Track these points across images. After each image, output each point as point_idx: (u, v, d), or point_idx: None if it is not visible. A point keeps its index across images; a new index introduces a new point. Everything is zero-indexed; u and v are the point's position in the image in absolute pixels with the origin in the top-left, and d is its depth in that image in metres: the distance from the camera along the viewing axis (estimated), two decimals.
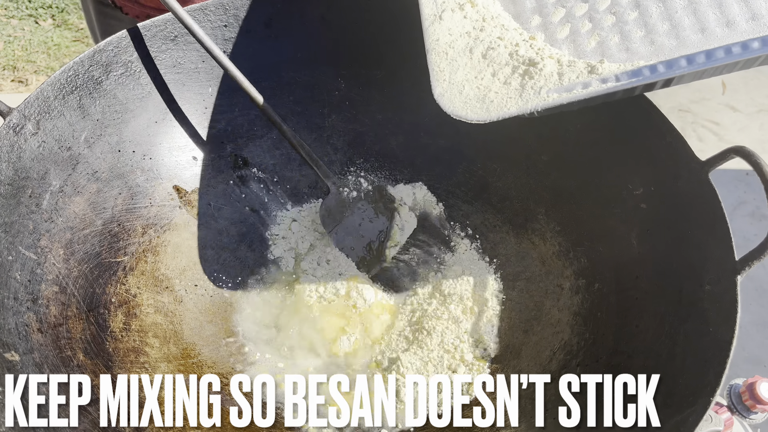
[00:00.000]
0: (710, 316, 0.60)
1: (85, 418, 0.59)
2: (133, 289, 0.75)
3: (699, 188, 0.66)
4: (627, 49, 0.62)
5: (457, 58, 0.65)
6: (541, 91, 0.61)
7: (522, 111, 0.61)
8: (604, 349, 0.69)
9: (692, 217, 0.67)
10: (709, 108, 2.30)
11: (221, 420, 0.68)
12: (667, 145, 0.70)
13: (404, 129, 0.92)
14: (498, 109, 0.62)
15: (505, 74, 0.63)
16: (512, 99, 0.62)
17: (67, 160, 0.72)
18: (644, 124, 0.72)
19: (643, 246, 0.71)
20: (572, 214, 0.81)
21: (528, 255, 0.83)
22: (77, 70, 0.73)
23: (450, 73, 0.65)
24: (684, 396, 0.56)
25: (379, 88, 0.91)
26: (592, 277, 0.76)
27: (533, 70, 0.62)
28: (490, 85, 0.63)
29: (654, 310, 0.66)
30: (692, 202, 0.67)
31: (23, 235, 0.66)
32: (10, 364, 0.56)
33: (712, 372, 0.55)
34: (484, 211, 0.88)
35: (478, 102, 0.63)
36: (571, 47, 0.64)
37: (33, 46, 2.33)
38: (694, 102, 2.28)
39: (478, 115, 0.62)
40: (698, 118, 2.15)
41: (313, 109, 0.91)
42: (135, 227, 0.78)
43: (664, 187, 0.70)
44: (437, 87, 0.64)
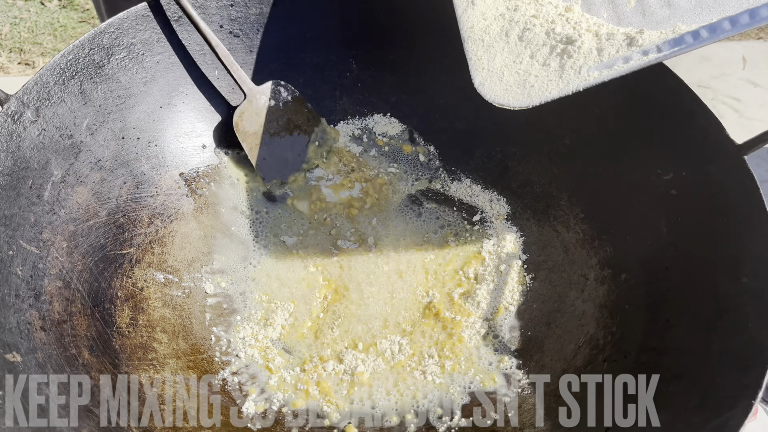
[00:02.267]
0: (748, 312, 0.56)
1: (92, 420, 0.56)
2: (139, 283, 0.72)
3: (735, 173, 0.62)
4: (669, 4, 0.59)
5: (493, 43, 0.63)
6: (581, 69, 0.59)
7: (563, 93, 0.59)
8: (632, 344, 0.65)
9: (727, 205, 0.63)
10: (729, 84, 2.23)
11: (230, 418, 0.66)
12: (699, 126, 0.66)
13: (419, 112, 0.89)
14: (539, 93, 0.60)
15: (544, 55, 0.61)
16: (553, 81, 0.60)
17: (69, 148, 0.69)
18: (674, 103, 0.68)
19: (673, 235, 0.67)
20: (597, 201, 0.77)
21: (550, 243, 0.80)
22: (77, 54, 0.69)
23: (488, 60, 0.63)
24: (722, 398, 0.52)
25: (392, 69, 0.87)
26: (618, 268, 0.72)
27: (571, 49, 0.59)
28: (530, 68, 0.61)
29: (686, 304, 0.63)
30: (727, 188, 0.63)
31: (24, 228, 0.63)
32: (12, 365, 0.54)
33: (753, 373, 0.52)
34: (504, 197, 0.85)
35: (518, 87, 0.61)
36: (609, 10, 0.61)
37: (39, 28, 2.30)
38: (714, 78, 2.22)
39: (520, 102, 0.61)
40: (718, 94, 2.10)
41: (323, 91, 0.88)
42: (141, 217, 0.75)
43: (697, 171, 0.66)
44: (477, 76, 0.62)
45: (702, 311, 0.60)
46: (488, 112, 0.84)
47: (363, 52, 0.86)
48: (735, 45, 1.78)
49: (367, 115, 0.90)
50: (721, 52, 1.75)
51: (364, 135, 0.89)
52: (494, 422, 0.67)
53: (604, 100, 0.74)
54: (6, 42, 2.25)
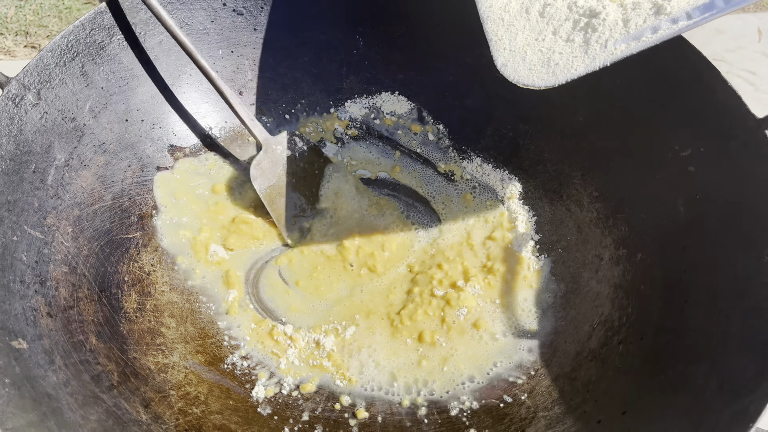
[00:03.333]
0: None
1: (99, 407, 0.56)
2: (146, 267, 0.71)
3: (756, 148, 0.60)
4: None
5: (514, 22, 0.61)
6: (608, 43, 0.56)
7: (590, 69, 0.56)
8: (649, 326, 0.63)
9: (748, 181, 0.60)
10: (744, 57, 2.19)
11: (240, 403, 0.65)
12: (719, 101, 0.63)
13: (427, 90, 0.86)
14: (565, 70, 0.57)
15: (567, 30, 0.58)
16: (578, 57, 0.57)
17: (72, 131, 0.68)
18: (691, 77, 0.65)
19: (691, 213, 0.65)
20: (612, 179, 0.75)
21: (563, 223, 0.78)
22: (78, 35, 0.68)
23: (509, 40, 0.60)
24: (742, 381, 0.51)
25: (399, 46, 0.84)
26: (634, 247, 0.70)
27: (596, 22, 0.57)
28: (553, 45, 0.59)
29: (705, 284, 0.61)
30: (747, 163, 0.61)
31: (28, 213, 0.62)
32: (18, 353, 0.53)
33: None
34: (516, 176, 0.83)
35: (543, 66, 0.58)
36: None
37: (44, 10, 2.28)
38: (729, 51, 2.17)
39: (545, 81, 0.58)
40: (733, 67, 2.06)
41: (330, 69, 0.86)
42: (146, 201, 0.74)
43: (715, 147, 0.64)
44: (499, 57, 0.60)
45: (721, 292, 0.59)
46: (499, 89, 0.82)
47: (369, 28, 0.84)
48: (750, 17, 1.73)
49: (374, 94, 0.88)
50: (737, 24, 1.70)
51: (371, 113, 0.87)
52: (507, 405, 0.66)
53: (618, 75, 0.71)
54: (12, 25, 2.24)
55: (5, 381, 0.50)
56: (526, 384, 0.68)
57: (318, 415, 0.66)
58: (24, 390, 0.51)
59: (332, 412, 0.66)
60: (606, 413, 0.59)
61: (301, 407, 0.66)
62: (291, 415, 0.65)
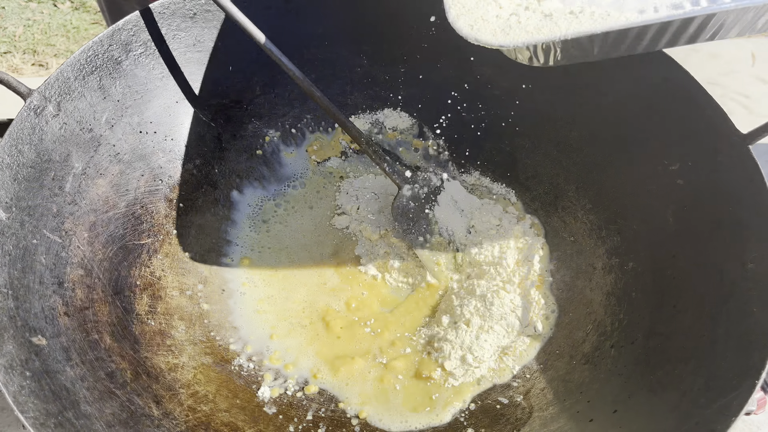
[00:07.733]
0: (753, 297, 0.58)
1: (114, 401, 0.58)
2: (157, 272, 0.74)
3: (740, 162, 0.63)
4: None
5: None
6: (581, 14, 0.49)
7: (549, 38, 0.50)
8: (639, 330, 0.66)
9: (733, 193, 0.64)
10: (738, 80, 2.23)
11: (246, 402, 0.68)
12: (706, 117, 0.67)
13: (428, 107, 0.90)
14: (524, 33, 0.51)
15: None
16: (541, 24, 0.51)
17: (89, 141, 0.71)
18: (681, 96, 0.69)
19: (680, 223, 0.69)
20: (604, 191, 0.78)
21: (558, 234, 0.81)
22: (96, 50, 0.71)
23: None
24: (727, 379, 0.54)
25: (401, 64, 0.88)
26: (625, 256, 0.73)
27: None
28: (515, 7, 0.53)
29: (693, 290, 0.64)
30: (733, 176, 0.64)
31: (47, 218, 0.65)
32: (38, 348, 0.56)
33: (757, 354, 0.53)
34: (513, 189, 0.86)
35: (500, 24, 0.52)
36: None
37: (52, 30, 2.33)
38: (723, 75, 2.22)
39: (499, 39, 0.52)
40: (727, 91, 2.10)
41: (335, 86, 0.89)
42: (158, 209, 0.77)
43: (703, 161, 0.67)
44: (452, 9, 0.54)
45: (708, 297, 0.62)
46: (497, 107, 0.86)
47: (373, 47, 0.87)
48: (744, 42, 1.78)
49: (377, 110, 0.91)
50: (731, 48, 1.75)
51: (375, 128, 0.91)
52: (503, 406, 0.68)
53: (611, 94, 0.75)
54: (20, 43, 2.29)
55: (26, 374, 0.53)
56: (521, 386, 0.70)
57: (322, 414, 0.68)
58: (44, 383, 0.54)
59: (335, 412, 0.69)
60: (598, 412, 0.62)
61: (305, 407, 0.69)
62: (295, 414, 0.68)
